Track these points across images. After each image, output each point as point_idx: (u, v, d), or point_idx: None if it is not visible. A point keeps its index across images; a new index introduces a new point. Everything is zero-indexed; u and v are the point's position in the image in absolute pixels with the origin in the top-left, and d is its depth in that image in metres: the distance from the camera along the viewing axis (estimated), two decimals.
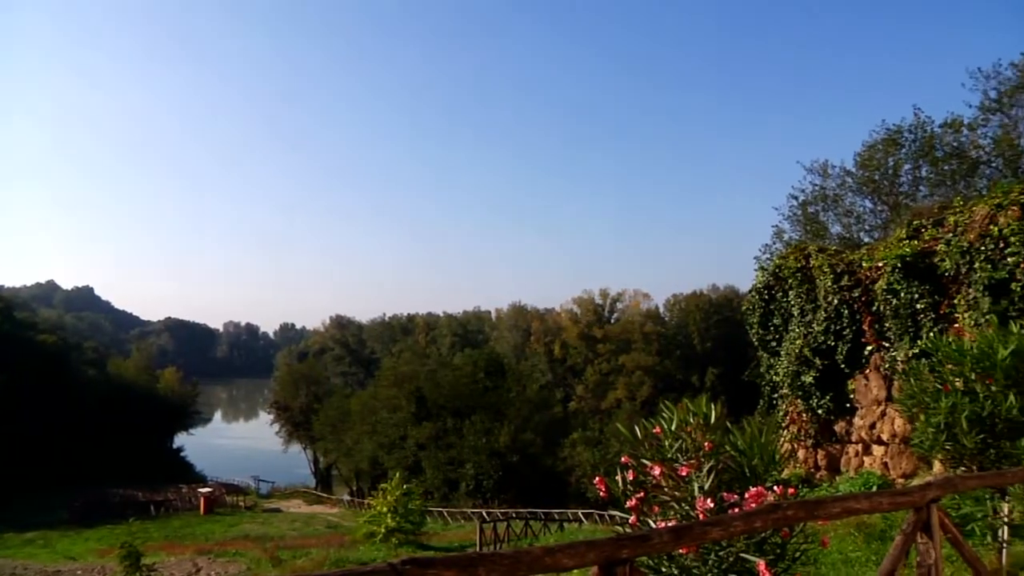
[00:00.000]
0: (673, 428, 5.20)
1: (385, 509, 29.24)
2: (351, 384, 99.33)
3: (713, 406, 5.25)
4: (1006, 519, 8.40)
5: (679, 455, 5.16)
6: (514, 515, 36.40)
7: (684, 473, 5.01)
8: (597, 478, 5.31)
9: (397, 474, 34.20)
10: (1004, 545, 8.35)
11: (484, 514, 36.96)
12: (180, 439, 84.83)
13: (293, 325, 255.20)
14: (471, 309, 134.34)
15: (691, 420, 5.17)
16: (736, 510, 4.19)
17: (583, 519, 35.08)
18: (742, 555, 4.77)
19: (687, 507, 4.96)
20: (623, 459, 5.24)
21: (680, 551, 4.66)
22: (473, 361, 69.68)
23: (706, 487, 4.92)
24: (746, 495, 4.71)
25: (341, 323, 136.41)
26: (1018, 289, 11.82)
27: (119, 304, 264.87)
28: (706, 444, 5.04)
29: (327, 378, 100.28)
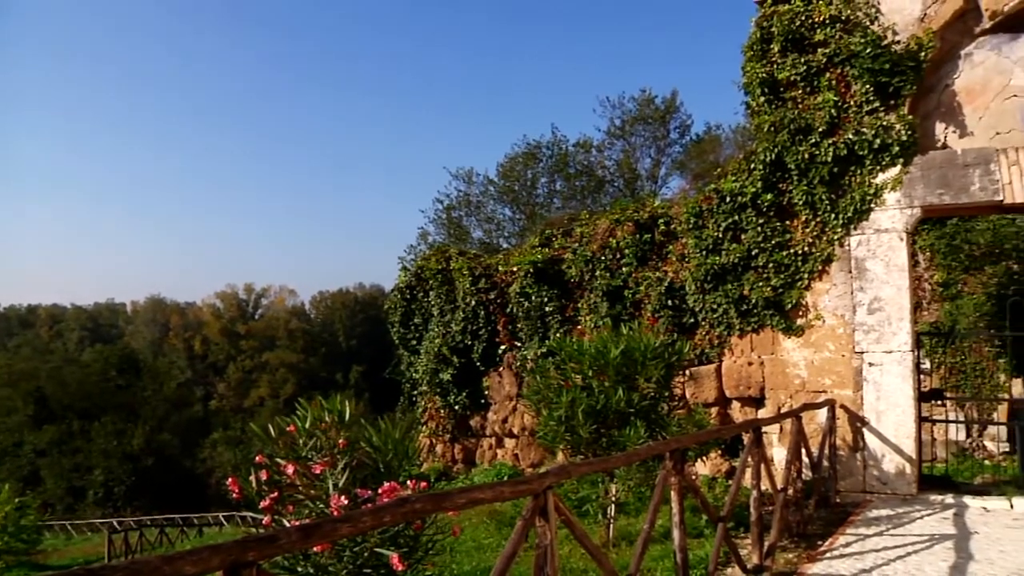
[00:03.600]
0: (308, 426, 5.20)
1: None
2: None
3: (348, 403, 5.32)
4: (613, 498, 9.39)
5: (313, 453, 5.17)
6: (148, 522, 34.26)
7: (318, 471, 5.03)
8: (230, 479, 5.19)
9: (7, 486, 30.55)
10: (611, 521, 9.31)
11: (115, 523, 34.40)
12: None
13: None
14: (103, 301, 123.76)
15: (327, 417, 5.21)
16: (369, 506, 4.29)
17: (224, 522, 33.77)
18: (376, 550, 4.88)
19: (322, 505, 4.98)
20: (257, 458, 5.16)
21: (315, 549, 4.68)
22: (104, 357, 64.42)
23: (340, 484, 4.98)
24: (379, 491, 4.83)
25: None
26: (630, 295, 13.19)
27: None
28: (340, 441, 5.11)
29: None
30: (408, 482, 5.06)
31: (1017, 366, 13.22)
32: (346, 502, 4.81)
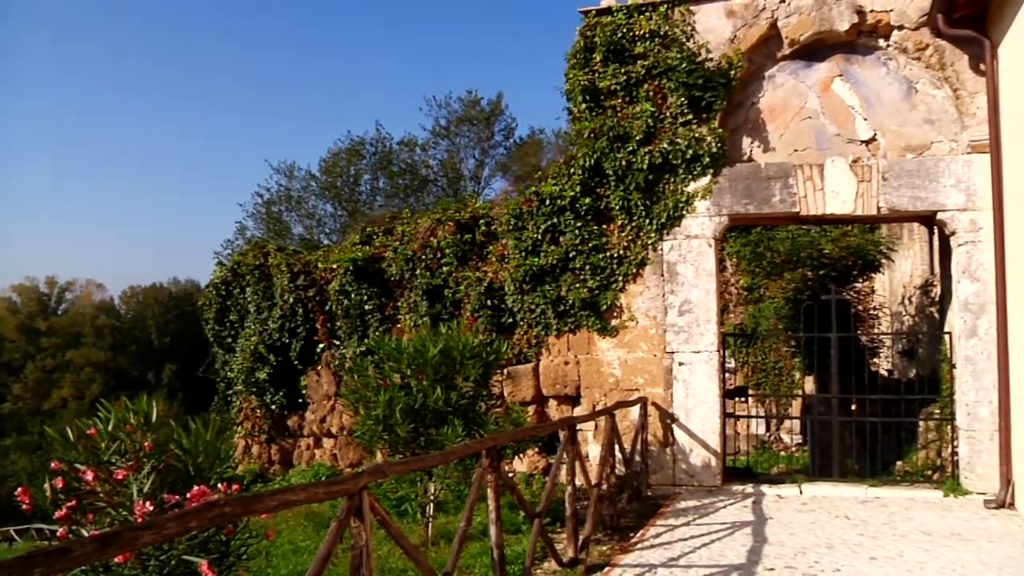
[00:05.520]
0: (111, 428, 4.92)
1: None
2: None
3: (157, 403, 5.06)
4: (432, 497, 9.40)
5: (117, 457, 4.89)
6: None
7: (121, 476, 4.76)
8: (20, 489, 4.83)
9: None
10: (430, 520, 9.32)
11: None
12: None
13: None
14: None
15: (132, 419, 4.94)
16: (176, 511, 4.11)
17: (16, 537, 31.10)
18: (184, 557, 4.68)
19: (125, 512, 4.73)
20: (53, 464, 4.83)
21: (116, 560, 4.43)
22: None
23: (146, 489, 4.74)
24: (188, 495, 4.64)
25: None
26: (450, 295, 13.23)
27: None
28: (147, 444, 4.86)
29: None
30: (219, 485, 4.88)
31: (809, 365, 14.17)
32: (151, 508, 4.57)
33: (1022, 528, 8.52)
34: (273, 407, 15.96)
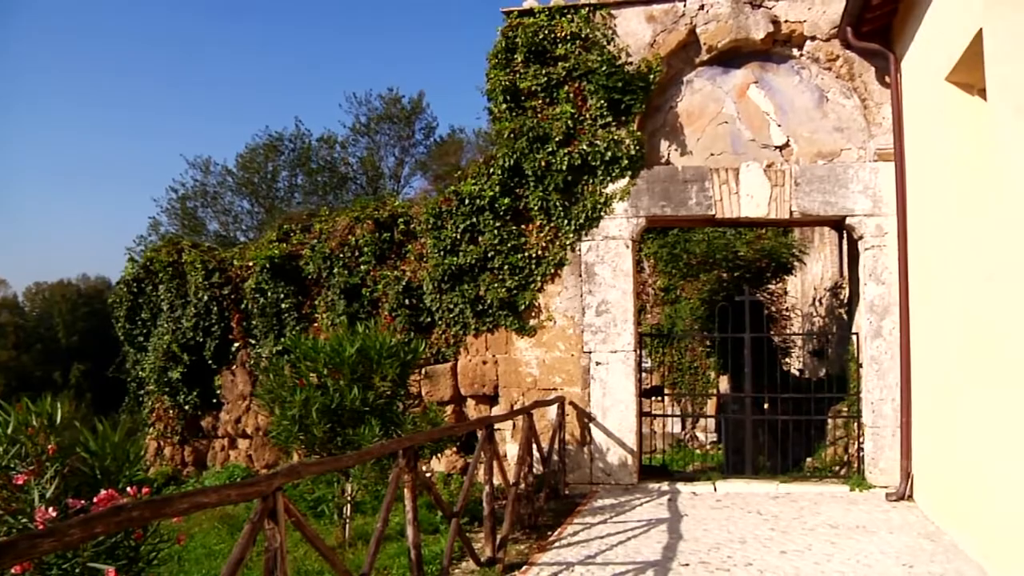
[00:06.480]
0: (10, 431, 4.73)
1: None
2: None
3: (63, 404, 4.90)
4: (349, 498, 9.33)
5: (17, 461, 4.70)
6: None
7: (21, 482, 4.59)
8: None
9: None
10: (347, 521, 9.25)
11: None
12: None
13: None
14: None
15: (34, 421, 4.77)
16: (82, 516, 3.97)
17: None
18: (90, 564, 4.54)
19: (25, 519, 4.55)
20: None
21: (13, 571, 4.26)
22: None
23: (48, 495, 4.58)
24: (95, 500, 4.50)
25: None
26: (367, 294, 13.12)
27: None
28: (50, 447, 4.69)
29: None
30: (129, 489, 4.75)
31: (724, 364, 14.46)
32: (54, 514, 4.41)
33: (919, 519, 8.88)
34: (186, 407, 15.61)
